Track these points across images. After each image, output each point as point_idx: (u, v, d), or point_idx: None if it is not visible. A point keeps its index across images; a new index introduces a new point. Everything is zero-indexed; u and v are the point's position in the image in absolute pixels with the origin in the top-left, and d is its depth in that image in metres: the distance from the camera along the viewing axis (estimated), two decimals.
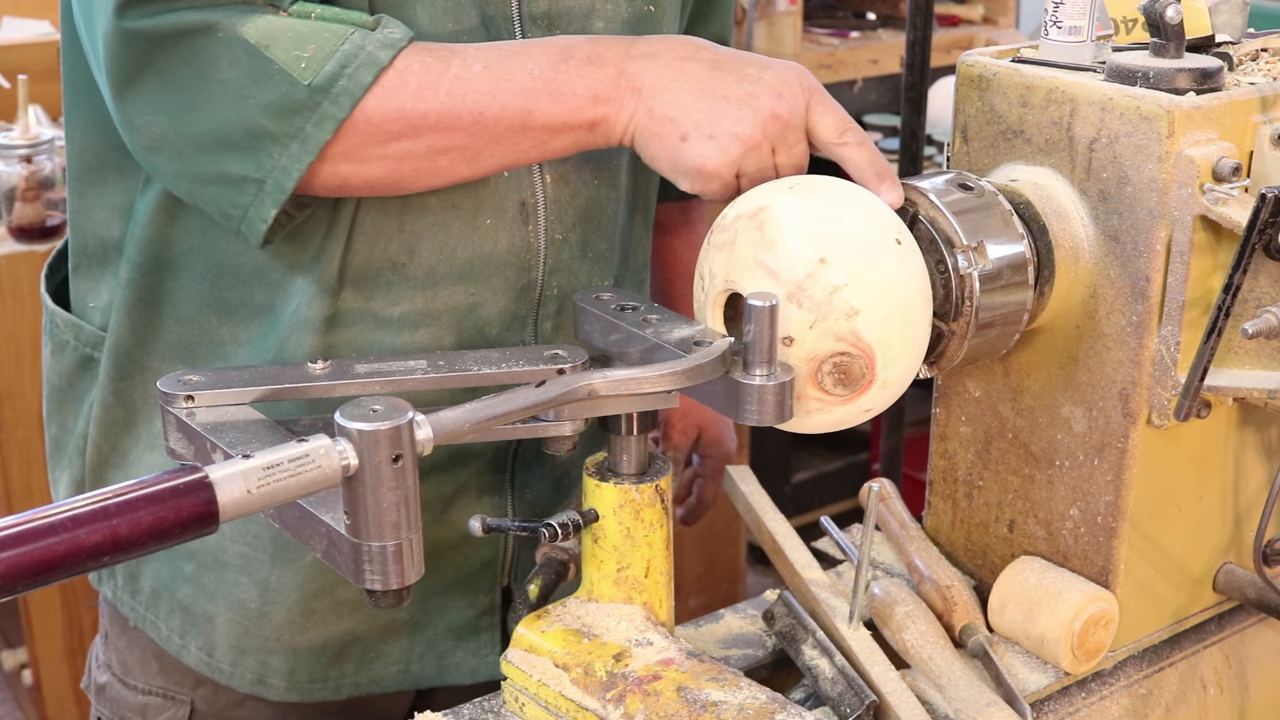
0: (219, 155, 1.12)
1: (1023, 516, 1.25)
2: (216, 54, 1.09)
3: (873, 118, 3.43)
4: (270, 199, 1.11)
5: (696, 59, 1.14)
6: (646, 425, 1.11)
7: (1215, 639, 1.31)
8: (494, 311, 1.27)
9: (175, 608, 1.35)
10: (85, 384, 1.36)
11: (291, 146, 1.09)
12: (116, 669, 1.42)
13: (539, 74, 1.12)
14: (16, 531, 0.76)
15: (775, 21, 3.26)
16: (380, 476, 0.87)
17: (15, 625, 2.76)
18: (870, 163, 1.14)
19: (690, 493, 1.70)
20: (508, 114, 1.12)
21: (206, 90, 1.10)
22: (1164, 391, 1.12)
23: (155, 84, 1.11)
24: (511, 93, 1.12)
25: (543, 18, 1.23)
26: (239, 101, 1.09)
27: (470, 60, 1.12)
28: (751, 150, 1.11)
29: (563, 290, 1.30)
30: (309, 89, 1.08)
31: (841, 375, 1.03)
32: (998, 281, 1.10)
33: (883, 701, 1.12)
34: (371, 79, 1.09)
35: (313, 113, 1.09)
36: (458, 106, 1.11)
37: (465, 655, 1.38)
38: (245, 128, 1.10)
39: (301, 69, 1.08)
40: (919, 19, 2.25)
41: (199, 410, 1.03)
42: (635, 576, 1.13)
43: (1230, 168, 1.07)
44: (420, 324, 1.24)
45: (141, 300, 1.29)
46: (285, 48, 1.09)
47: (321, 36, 1.09)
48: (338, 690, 1.36)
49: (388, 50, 1.10)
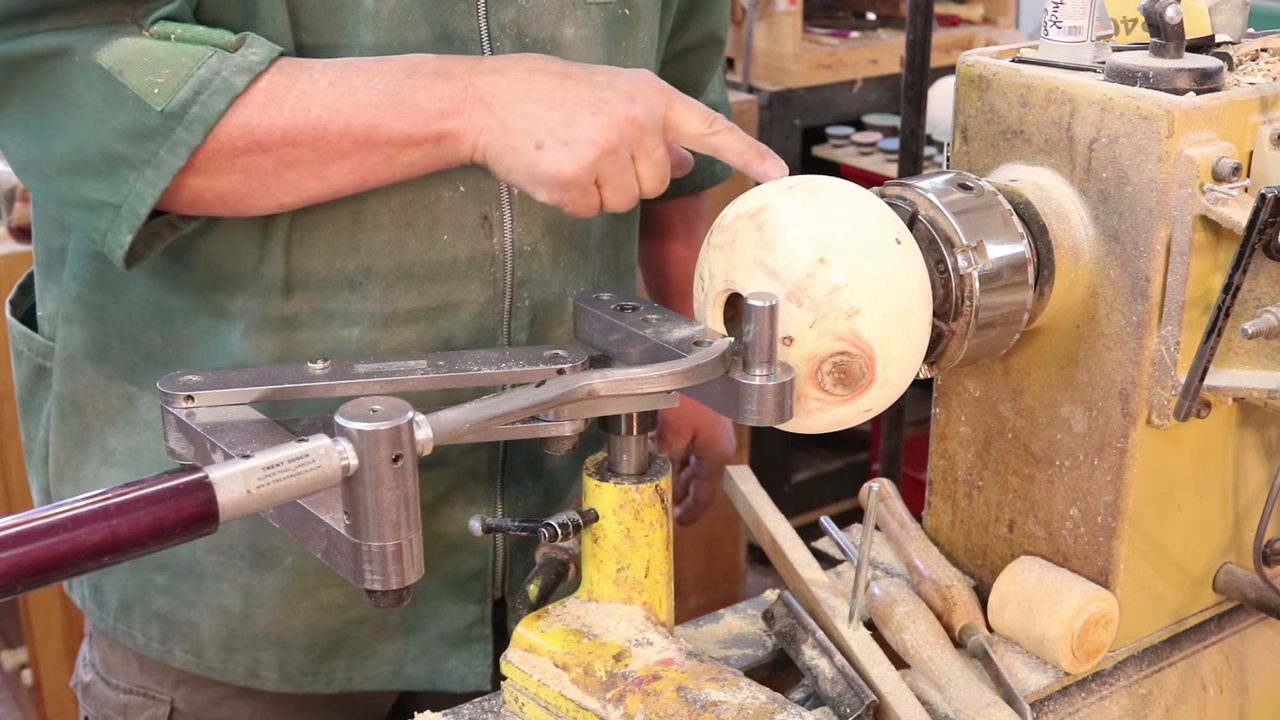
0: (79, 179, 1.12)
1: (1023, 516, 1.25)
2: (74, 78, 1.09)
3: (873, 118, 3.43)
4: (126, 224, 1.11)
5: (546, 70, 1.13)
6: (646, 425, 1.11)
7: (1215, 639, 1.31)
8: (457, 325, 1.26)
9: (151, 617, 1.35)
10: (42, 393, 1.37)
11: (146, 172, 1.09)
12: (99, 668, 1.43)
13: (383, 89, 1.11)
14: (16, 531, 0.76)
15: (775, 21, 3.26)
16: (380, 476, 0.87)
17: (15, 625, 2.75)
18: (747, 144, 1.13)
19: (687, 493, 1.70)
20: (352, 129, 1.11)
21: (65, 114, 1.10)
22: (1164, 391, 1.12)
23: (19, 107, 1.12)
24: (356, 107, 1.10)
25: (511, 26, 1.22)
26: (95, 126, 1.09)
27: (317, 75, 1.11)
28: (608, 155, 1.10)
29: (535, 302, 1.29)
30: (162, 115, 1.08)
31: (841, 375, 1.03)
32: (997, 281, 1.10)
33: (883, 701, 1.12)
34: (225, 105, 1.08)
35: (166, 139, 1.08)
36: (301, 121, 1.10)
37: (457, 664, 1.38)
38: (102, 152, 1.09)
39: (155, 94, 1.08)
40: (919, 19, 2.25)
41: (199, 410, 1.03)
42: (635, 576, 1.13)
43: (1230, 168, 1.07)
44: (381, 341, 1.24)
45: (89, 316, 1.29)
46: (139, 73, 1.08)
47: (178, 61, 1.09)
48: (330, 683, 1.36)
49: (244, 75, 1.09)
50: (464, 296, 1.25)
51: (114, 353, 1.28)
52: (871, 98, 3.43)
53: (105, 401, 1.30)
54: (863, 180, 1.28)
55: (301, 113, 1.10)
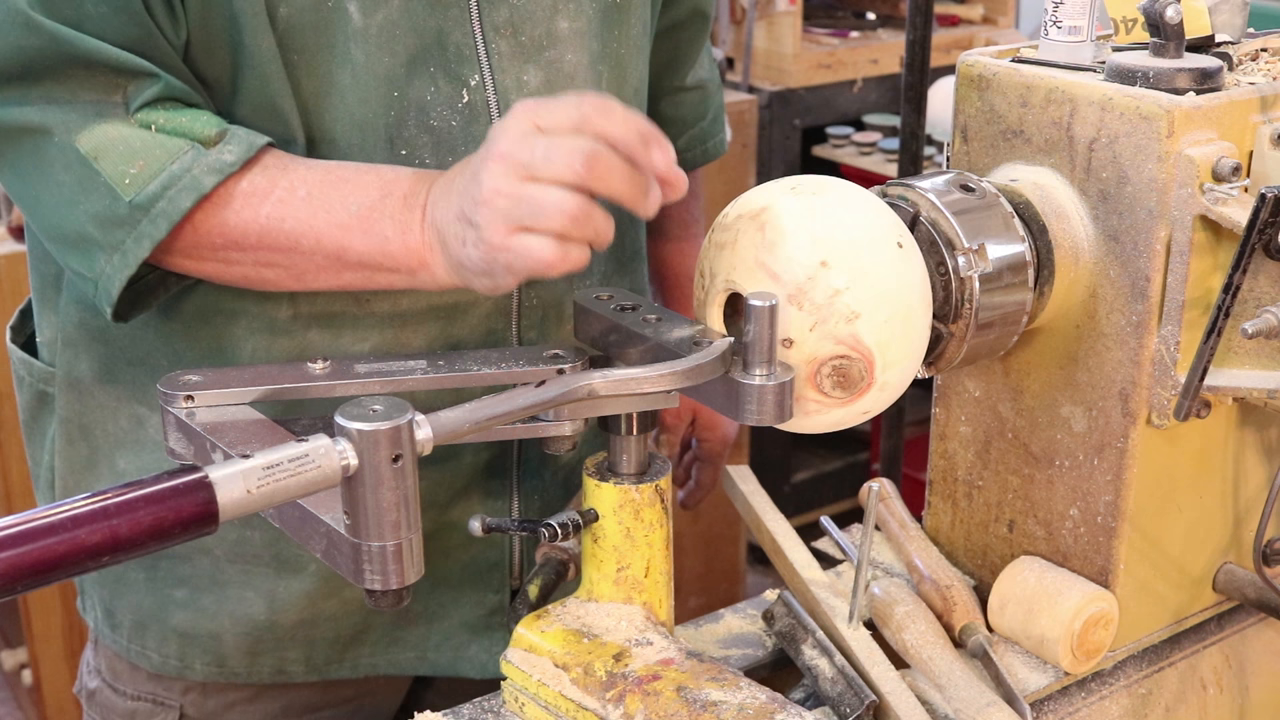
0: (62, 249, 1.15)
1: (1022, 516, 1.25)
2: (53, 157, 1.11)
3: (873, 118, 3.43)
4: (104, 296, 1.13)
5: (463, 165, 1.07)
6: (646, 425, 1.11)
7: (1215, 639, 1.31)
8: (465, 331, 1.27)
9: (169, 634, 1.35)
10: (45, 419, 1.38)
11: (114, 257, 1.11)
12: (106, 675, 1.43)
13: (355, 210, 1.10)
14: (16, 531, 0.76)
15: (775, 21, 3.26)
16: (380, 476, 0.87)
17: (15, 625, 2.75)
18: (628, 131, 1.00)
19: (689, 477, 1.70)
20: (323, 247, 1.11)
21: (45, 189, 1.12)
22: (1164, 391, 1.12)
23: (7, 172, 1.15)
24: (328, 225, 1.11)
25: (505, 26, 1.22)
26: (71, 206, 1.11)
27: (297, 183, 1.12)
28: (513, 201, 0.99)
29: (544, 300, 1.30)
30: (130, 205, 1.10)
31: (840, 378, 1.03)
32: (997, 282, 1.10)
33: (883, 701, 1.12)
34: (190, 204, 1.09)
35: (133, 229, 1.10)
36: (275, 231, 1.11)
37: (478, 650, 1.39)
38: (77, 231, 1.12)
39: (125, 184, 1.10)
40: (919, 19, 2.25)
41: (199, 410, 1.03)
42: (635, 576, 1.13)
43: (1230, 168, 1.07)
44: (391, 344, 1.25)
45: (93, 340, 1.30)
46: (114, 161, 1.10)
47: (153, 153, 1.10)
48: (355, 669, 1.38)
49: (214, 176, 1.10)
50: (473, 297, 1.25)
51: (121, 374, 1.29)
52: (871, 98, 3.43)
53: (114, 423, 1.31)
54: (863, 180, 1.28)
55: (276, 221, 1.11)
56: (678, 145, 1.58)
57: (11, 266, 2.48)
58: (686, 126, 1.58)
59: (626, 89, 1.35)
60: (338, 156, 1.18)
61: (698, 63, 1.57)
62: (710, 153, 1.62)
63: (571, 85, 1.27)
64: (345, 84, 1.16)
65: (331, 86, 1.16)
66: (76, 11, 1.09)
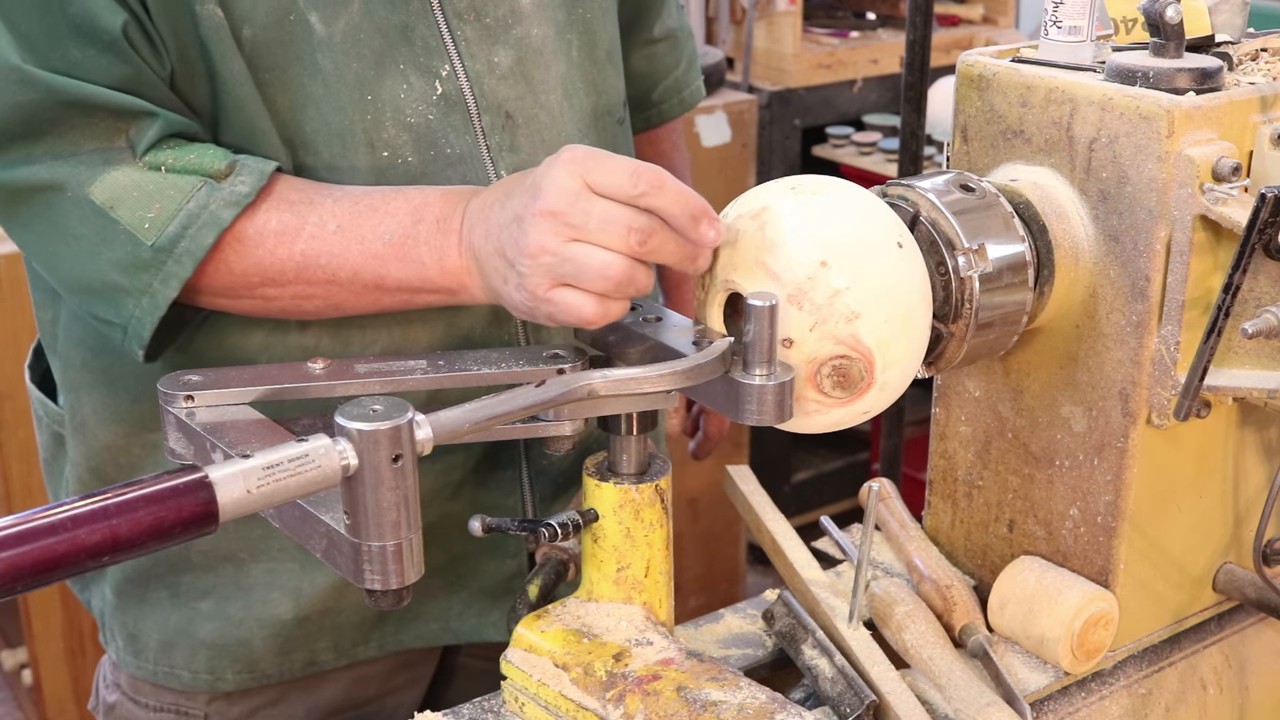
0: (85, 300, 1.16)
1: (1022, 516, 1.25)
2: (67, 211, 1.12)
3: (872, 118, 3.43)
4: (134, 340, 1.14)
5: (499, 201, 1.07)
6: (646, 425, 1.11)
7: (1215, 639, 1.31)
8: (470, 322, 1.27)
9: (198, 648, 1.35)
10: (61, 458, 1.39)
11: (143, 300, 1.13)
12: (126, 688, 1.42)
13: (389, 239, 1.12)
14: (16, 531, 0.76)
15: (775, 21, 3.26)
16: (380, 476, 0.87)
17: (15, 625, 2.75)
18: (681, 205, 1.00)
19: (697, 428, 1.69)
20: (361, 277, 1.13)
21: (64, 244, 1.13)
22: (1164, 391, 1.12)
23: (20, 232, 1.16)
24: (363, 257, 1.12)
25: (468, 11, 1.22)
26: (92, 257, 1.12)
27: (326, 218, 1.13)
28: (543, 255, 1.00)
29: None
30: (153, 249, 1.11)
31: (840, 378, 1.03)
32: (997, 282, 1.10)
33: (882, 701, 1.12)
34: (213, 240, 1.11)
35: (159, 271, 1.12)
36: (312, 265, 1.13)
37: (500, 615, 1.40)
38: (102, 280, 1.13)
39: (146, 229, 1.11)
40: (919, 19, 2.25)
41: (199, 410, 1.03)
42: (635, 576, 1.13)
43: (1230, 167, 1.07)
44: (396, 342, 1.26)
45: (96, 382, 1.30)
46: (131, 208, 1.11)
47: (167, 194, 1.11)
48: (382, 648, 1.39)
49: (231, 209, 1.11)
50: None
51: (126, 414, 1.30)
52: (871, 98, 3.43)
53: (126, 457, 1.32)
54: (863, 180, 1.28)
55: (311, 258, 1.13)
56: (653, 98, 1.59)
57: (11, 266, 2.48)
58: (660, 78, 1.58)
59: (598, 52, 1.35)
60: (320, 168, 1.19)
61: (664, 12, 1.56)
62: (687, 101, 1.61)
63: (541, 59, 1.27)
64: (318, 95, 1.17)
65: (305, 99, 1.17)
66: (65, 59, 1.09)
